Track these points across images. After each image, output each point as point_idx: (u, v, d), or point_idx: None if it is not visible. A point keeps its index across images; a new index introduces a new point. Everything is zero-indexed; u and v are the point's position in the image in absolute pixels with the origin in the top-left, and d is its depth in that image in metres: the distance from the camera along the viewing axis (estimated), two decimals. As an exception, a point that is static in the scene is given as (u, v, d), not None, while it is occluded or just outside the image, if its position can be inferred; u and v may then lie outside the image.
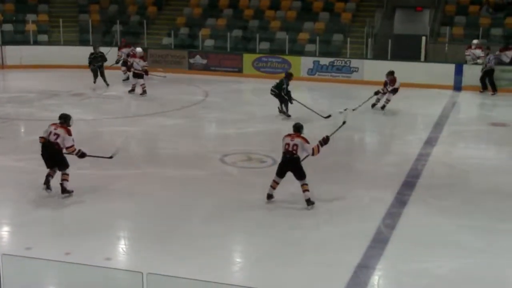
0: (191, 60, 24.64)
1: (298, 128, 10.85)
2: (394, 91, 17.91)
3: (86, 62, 23.11)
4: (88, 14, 27.04)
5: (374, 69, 21.11)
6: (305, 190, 10.63)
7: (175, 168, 13.11)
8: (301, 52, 24.32)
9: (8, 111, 17.94)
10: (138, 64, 20.01)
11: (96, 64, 20.92)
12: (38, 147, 14.37)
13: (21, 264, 7.29)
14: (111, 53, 22.07)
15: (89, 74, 22.04)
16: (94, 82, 20.94)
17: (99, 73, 20.98)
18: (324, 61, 23.46)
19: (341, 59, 23.45)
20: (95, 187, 11.89)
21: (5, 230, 10.39)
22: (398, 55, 22.98)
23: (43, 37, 26.18)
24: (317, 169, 11.86)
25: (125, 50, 22.30)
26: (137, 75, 20.01)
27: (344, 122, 11.95)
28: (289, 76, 17.32)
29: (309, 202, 10.63)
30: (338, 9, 26.22)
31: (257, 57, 24.08)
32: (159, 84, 22.90)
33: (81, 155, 11.32)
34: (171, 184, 12.11)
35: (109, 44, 25.52)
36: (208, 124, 17.81)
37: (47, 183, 11.24)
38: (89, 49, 24.21)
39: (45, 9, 27.45)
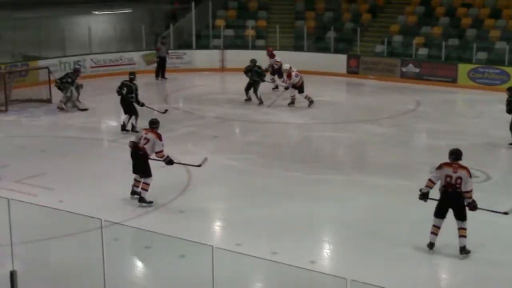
0: (403, 69, 24.26)
1: (459, 155, 9.22)
2: None
3: (299, 67, 23.82)
4: (304, 20, 27.59)
5: None
6: (461, 236, 9.10)
7: (382, 177, 12.97)
8: (522, 63, 22.98)
9: (225, 111, 18.82)
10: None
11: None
12: (252, 147, 15.06)
13: (231, 259, 7.62)
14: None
15: (305, 79, 22.71)
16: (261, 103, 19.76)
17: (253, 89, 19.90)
18: (548, 73, 21.98)
19: None
20: (305, 190, 12.14)
21: (218, 225, 10.95)
22: None
23: (261, 42, 27.12)
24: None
25: (271, 61, 21.76)
26: (294, 86, 19.25)
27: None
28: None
29: (464, 250, 9.13)
30: None
31: (473, 68, 23.12)
32: (370, 92, 22.86)
33: (169, 161, 11.28)
34: (377, 193, 12.00)
35: (321, 50, 25.93)
36: (418, 134, 17.43)
37: (133, 193, 11.43)
38: (302, 55, 24.98)
39: (264, 15, 28.44)
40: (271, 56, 21.87)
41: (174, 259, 8.80)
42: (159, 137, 11.15)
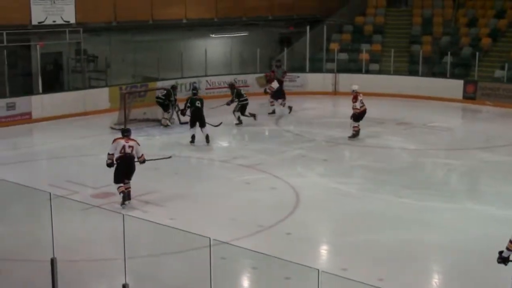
0: (524, 95, 23.41)
1: None
2: None
3: (413, 92, 23.68)
4: (419, 45, 27.18)
5: None
6: None
7: (498, 208, 12.52)
8: None
9: (336, 135, 18.78)
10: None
11: None
12: (361, 171, 14.97)
13: (337, 283, 7.62)
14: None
15: (419, 104, 22.41)
16: None
17: None
18: None
19: None
20: (414, 216, 11.99)
21: (324, 249, 10.97)
22: None
23: (374, 66, 26.96)
24: None
25: (274, 85, 21.54)
26: (356, 115, 18.05)
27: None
28: None
29: None
30: None
31: None
32: (487, 118, 22.22)
33: (143, 161, 12.41)
34: (491, 224, 11.62)
35: (437, 75, 25.46)
36: (537, 163, 16.77)
37: (127, 199, 12.12)
38: (417, 79, 24.68)
39: (379, 39, 28.23)
40: (270, 80, 21.73)
41: (279, 281, 8.88)
42: (138, 142, 12.45)
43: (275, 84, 21.54)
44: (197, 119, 17.21)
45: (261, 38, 27.66)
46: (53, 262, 7.72)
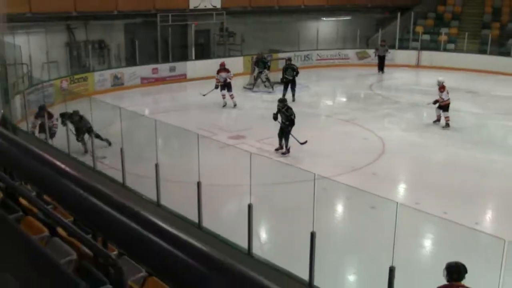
0: None
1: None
2: None
3: (482, 67, 22.24)
4: (489, 29, 25.38)
5: None
6: None
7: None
8: None
9: (417, 98, 18.01)
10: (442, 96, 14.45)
11: None
12: (438, 129, 14.29)
13: (410, 214, 7.45)
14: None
15: (486, 77, 21.12)
16: None
17: None
18: None
19: None
20: (473, 165, 11.46)
21: (402, 187, 10.73)
22: None
23: (451, 46, 25.51)
24: None
25: (224, 75, 16.71)
26: (441, 107, 14.51)
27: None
28: None
29: None
30: None
31: None
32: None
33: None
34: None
35: (503, 54, 23.74)
36: None
37: None
38: (485, 57, 23.13)
39: (456, 24, 26.60)
40: (225, 70, 16.73)
41: (366, 209, 8.81)
42: None
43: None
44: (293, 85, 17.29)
45: (361, 21, 26.78)
46: (198, 185, 7.97)
